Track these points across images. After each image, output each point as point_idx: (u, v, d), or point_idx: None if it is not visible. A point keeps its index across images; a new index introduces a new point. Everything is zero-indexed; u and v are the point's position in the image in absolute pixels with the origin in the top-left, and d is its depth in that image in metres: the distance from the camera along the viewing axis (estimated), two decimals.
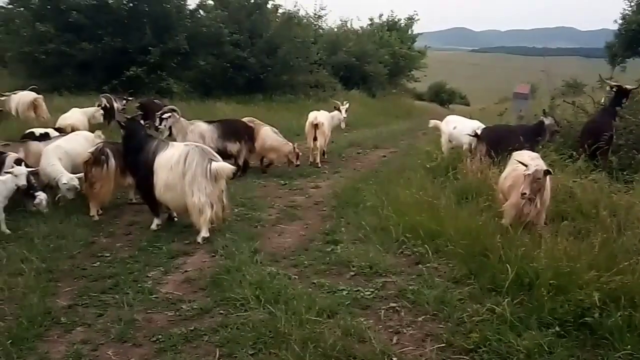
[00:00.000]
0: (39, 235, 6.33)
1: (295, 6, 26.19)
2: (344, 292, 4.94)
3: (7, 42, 18.59)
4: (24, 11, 18.36)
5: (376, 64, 28.36)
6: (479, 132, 8.84)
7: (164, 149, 6.63)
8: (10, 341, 4.09)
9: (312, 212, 7.75)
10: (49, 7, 18.01)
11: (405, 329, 4.33)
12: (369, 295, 4.92)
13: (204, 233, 6.36)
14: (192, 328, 4.36)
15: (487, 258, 5.11)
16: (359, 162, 11.95)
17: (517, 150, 6.60)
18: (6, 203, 6.63)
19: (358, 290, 5.00)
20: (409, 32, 35.85)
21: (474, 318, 4.32)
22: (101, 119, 11.90)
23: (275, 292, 4.81)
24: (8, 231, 6.53)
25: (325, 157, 11.30)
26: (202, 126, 9.62)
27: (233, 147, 9.68)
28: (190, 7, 20.41)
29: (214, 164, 6.30)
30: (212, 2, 21.96)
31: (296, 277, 5.34)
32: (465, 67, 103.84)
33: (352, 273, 5.43)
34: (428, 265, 5.49)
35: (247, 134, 9.86)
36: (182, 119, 9.46)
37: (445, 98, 40.26)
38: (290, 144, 10.33)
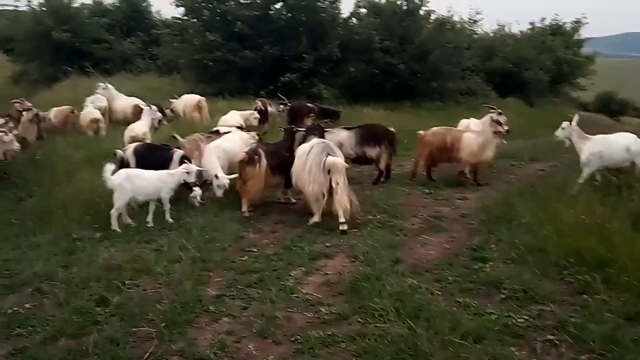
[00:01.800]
0: (196, 227, 6.81)
1: (449, 11, 25.29)
2: (493, 316, 4.59)
3: (181, 50, 20.49)
4: (196, 22, 20.08)
5: (536, 70, 26.56)
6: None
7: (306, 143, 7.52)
8: (164, 324, 4.40)
9: (459, 225, 7.41)
10: (217, 18, 19.52)
11: None
12: (522, 323, 4.51)
13: (316, 218, 7.16)
14: (329, 333, 4.35)
15: None
16: (512, 174, 11.25)
17: None
18: (172, 194, 7.23)
19: (509, 315, 4.61)
20: (575, 37, 33.16)
21: None
22: (256, 122, 12.51)
23: (416, 306, 4.63)
24: (171, 220, 7.13)
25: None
26: (341, 134, 9.64)
27: (372, 151, 9.60)
28: (344, 16, 20.84)
29: (329, 158, 6.92)
30: (364, 10, 22.23)
31: (439, 293, 5.09)
32: None
33: (503, 296, 5.03)
34: (596, 296, 4.90)
35: (387, 138, 9.70)
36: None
37: (615, 109, 36.48)
38: (486, 129, 9.62)
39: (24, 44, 25.37)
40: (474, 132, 9.75)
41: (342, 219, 6.84)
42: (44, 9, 24.75)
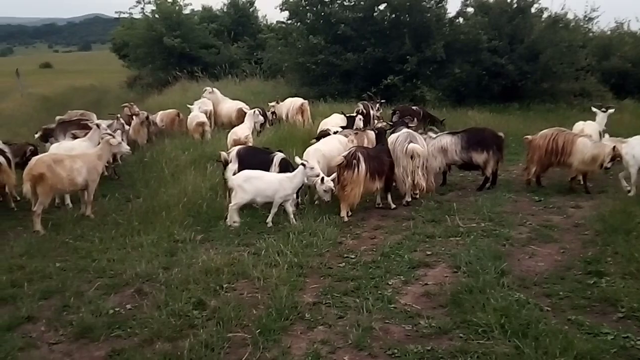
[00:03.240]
0: (294, 231, 6.82)
1: (562, 9, 23.74)
2: (609, 337, 4.24)
3: (285, 53, 20.93)
4: (300, 25, 20.45)
5: None
6: None
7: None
8: (259, 330, 4.41)
9: (571, 235, 6.89)
10: (321, 21, 19.74)
11: None
12: None
13: (407, 197, 8.29)
14: (429, 348, 4.17)
15: None
16: None
17: None
18: (290, 199, 7.32)
19: (627, 337, 4.24)
20: None
21: None
22: (361, 125, 12.40)
23: (524, 323, 4.35)
24: (271, 224, 7.20)
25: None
26: (443, 139, 9.24)
27: (479, 157, 9.10)
28: (450, 15, 20.27)
29: (410, 145, 8.08)
30: (472, 9, 21.49)
31: (549, 309, 4.77)
32: None
33: (620, 315, 4.64)
34: None
35: (495, 144, 9.15)
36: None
37: None
38: (607, 143, 8.76)
39: (137, 50, 27.14)
40: (589, 139, 8.99)
41: (408, 198, 8.27)
42: (157, 15, 26.25)
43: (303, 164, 7.25)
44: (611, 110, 11.01)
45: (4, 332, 4.60)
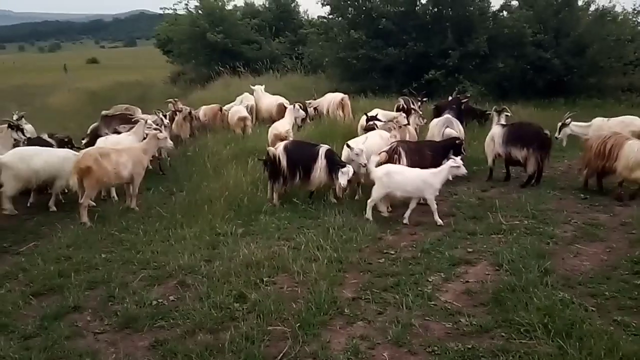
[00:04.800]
0: (333, 226, 6.83)
1: (610, 1, 23.04)
2: None
3: (326, 48, 21.00)
4: (341, 20, 20.46)
5: None
6: None
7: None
8: (298, 324, 4.45)
9: (618, 234, 6.71)
10: (362, 15, 19.68)
11: None
12: None
13: None
14: (469, 346, 4.13)
15: None
16: None
17: None
18: (437, 194, 7.28)
19: None
20: None
21: None
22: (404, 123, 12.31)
23: (568, 323, 4.27)
24: (441, 222, 7.11)
25: None
26: (494, 130, 9.31)
27: (518, 153, 8.90)
28: (494, 9, 19.90)
29: (447, 130, 9.27)
30: (516, 2, 21.05)
31: (594, 309, 4.66)
32: None
33: None
34: None
35: (537, 141, 8.85)
36: None
37: None
38: None
39: (181, 45, 27.59)
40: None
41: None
42: (200, 11, 26.63)
43: (451, 158, 7.22)
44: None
45: (51, 321, 4.75)
